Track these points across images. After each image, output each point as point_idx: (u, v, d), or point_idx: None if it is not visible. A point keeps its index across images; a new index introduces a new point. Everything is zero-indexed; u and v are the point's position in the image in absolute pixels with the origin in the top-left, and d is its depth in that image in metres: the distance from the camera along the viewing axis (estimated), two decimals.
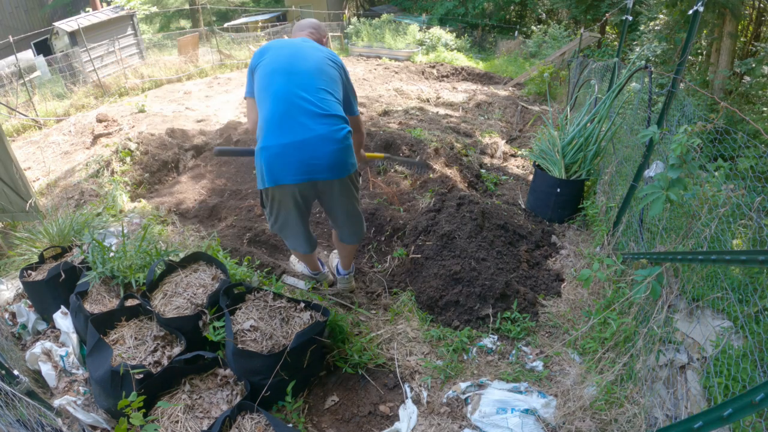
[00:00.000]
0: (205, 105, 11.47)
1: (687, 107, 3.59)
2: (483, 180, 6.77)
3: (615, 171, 4.96)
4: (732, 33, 11.10)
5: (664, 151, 3.58)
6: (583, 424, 2.66)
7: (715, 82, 11.19)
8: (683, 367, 2.65)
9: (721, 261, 2.17)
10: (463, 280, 4.04)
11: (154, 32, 26.97)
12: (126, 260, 3.68)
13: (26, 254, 4.31)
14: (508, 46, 21.52)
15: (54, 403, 2.71)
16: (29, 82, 12.47)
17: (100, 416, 2.81)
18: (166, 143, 7.84)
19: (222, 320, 3.14)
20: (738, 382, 2.26)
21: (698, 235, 2.87)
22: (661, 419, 2.45)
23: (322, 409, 3.06)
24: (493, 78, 16.18)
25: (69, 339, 3.32)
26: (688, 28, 3.49)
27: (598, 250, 4.42)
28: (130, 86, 13.41)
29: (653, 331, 2.77)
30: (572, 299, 4.06)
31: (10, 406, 2.16)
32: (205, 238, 5.02)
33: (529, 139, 9.09)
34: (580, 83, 8.60)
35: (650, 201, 2.98)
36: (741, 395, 1.54)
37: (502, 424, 2.74)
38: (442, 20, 24.95)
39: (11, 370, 2.50)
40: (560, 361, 3.41)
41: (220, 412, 2.64)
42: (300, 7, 26.98)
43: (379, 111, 10.25)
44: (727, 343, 2.46)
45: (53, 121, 10.82)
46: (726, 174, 3.02)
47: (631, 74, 4.82)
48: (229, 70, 16.32)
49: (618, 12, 14.56)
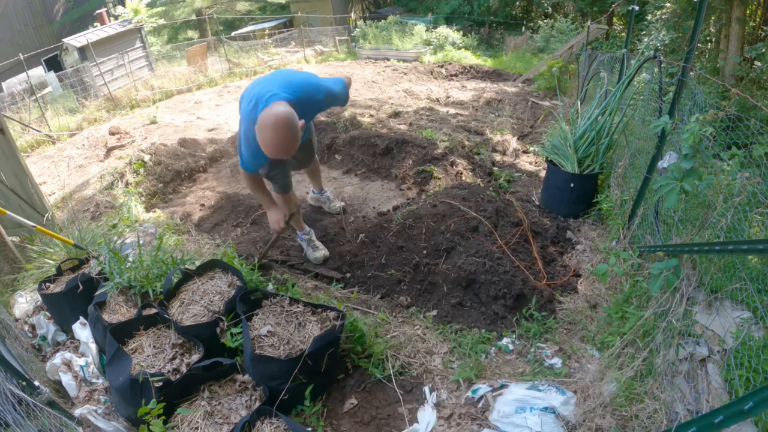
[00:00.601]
0: (216, 114, 11.54)
1: (698, 96, 3.54)
2: (496, 177, 6.74)
3: (628, 163, 4.91)
4: (740, 18, 10.94)
5: (677, 142, 3.54)
6: (604, 421, 2.64)
7: (725, 69, 11.03)
8: (703, 360, 2.61)
9: (738, 251, 2.14)
10: (479, 281, 4.03)
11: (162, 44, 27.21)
12: (142, 270, 3.71)
13: (44, 267, 4.37)
14: (515, 42, 21.42)
15: (75, 413, 2.74)
16: (41, 98, 12.63)
17: (121, 425, 2.83)
18: (178, 153, 7.91)
19: (239, 326, 3.16)
20: (759, 374, 2.22)
21: (714, 225, 2.84)
22: (682, 414, 2.42)
23: (341, 412, 3.06)
24: (501, 75, 16.10)
25: (88, 349, 3.36)
26: (696, 15, 3.45)
27: (614, 244, 4.38)
28: (141, 98, 13.53)
29: (672, 325, 2.73)
30: (589, 295, 4.02)
31: (32, 416, 2.19)
32: (220, 245, 5.05)
33: (540, 134, 9.03)
34: (590, 76, 8.53)
35: (665, 192, 2.95)
36: (762, 388, 1.52)
37: (521, 423, 2.72)
38: (448, 19, 24.90)
39: (32, 381, 2.53)
40: (579, 357, 3.38)
41: (240, 417, 2.66)
42: (306, 12, 27.07)
43: (389, 113, 10.24)
44: (747, 334, 2.42)
45: (66, 136, 10.96)
46: (740, 162, 2.98)
47: (640, 65, 4.77)
48: (238, 78, 16.41)
49: (624, 2, 14.45)
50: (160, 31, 29.18)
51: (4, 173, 4.96)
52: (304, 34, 22.03)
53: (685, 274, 2.86)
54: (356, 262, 4.68)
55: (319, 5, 28.17)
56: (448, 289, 4.10)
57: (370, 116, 9.99)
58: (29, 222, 4.09)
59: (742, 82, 10.65)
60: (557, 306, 4.00)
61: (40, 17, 23.34)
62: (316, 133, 8.38)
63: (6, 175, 4.97)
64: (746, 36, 11.78)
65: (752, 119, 2.77)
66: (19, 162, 5.08)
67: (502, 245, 4.44)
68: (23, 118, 11.54)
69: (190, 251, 4.88)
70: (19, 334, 3.61)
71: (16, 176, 5.04)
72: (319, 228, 5.37)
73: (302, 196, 6.59)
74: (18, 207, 4.98)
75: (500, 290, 3.94)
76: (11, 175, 5.02)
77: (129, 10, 16.71)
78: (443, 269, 4.25)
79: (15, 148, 5.08)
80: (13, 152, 5.07)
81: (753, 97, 4.05)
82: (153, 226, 5.60)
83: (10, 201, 4.97)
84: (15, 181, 5.04)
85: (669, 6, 13.04)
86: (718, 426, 1.65)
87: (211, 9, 28.73)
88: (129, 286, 3.67)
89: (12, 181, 5.02)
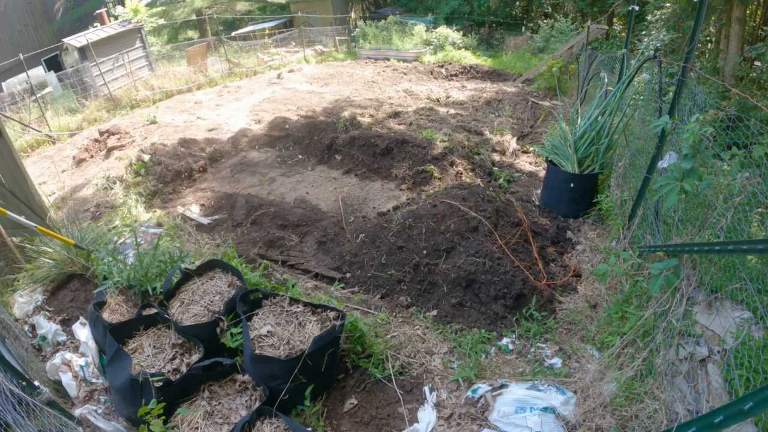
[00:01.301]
0: (216, 114, 11.54)
1: (698, 96, 3.54)
2: (496, 177, 6.74)
3: (628, 163, 4.91)
4: (740, 18, 10.92)
5: (677, 142, 3.54)
6: (604, 421, 2.64)
7: (725, 69, 11.01)
8: (703, 360, 2.61)
9: (738, 251, 2.14)
10: (479, 281, 4.03)
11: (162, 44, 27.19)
12: (141, 269, 3.71)
13: (44, 267, 4.36)
14: (515, 43, 21.40)
15: (75, 413, 2.74)
16: (41, 98, 12.62)
17: (121, 425, 2.83)
18: (178, 153, 7.91)
19: (239, 326, 3.16)
20: (759, 374, 2.22)
21: (714, 225, 2.83)
22: (683, 414, 2.42)
23: (341, 412, 3.06)
24: (501, 75, 16.10)
25: (88, 349, 3.36)
26: (696, 15, 3.45)
27: (614, 244, 4.38)
28: (141, 98, 13.52)
29: (672, 325, 2.73)
30: (589, 295, 4.02)
31: (32, 416, 2.18)
32: (220, 245, 5.05)
33: (540, 134, 9.04)
34: (590, 76, 8.53)
35: (665, 192, 2.95)
36: (762, 388, 1.52)
37: (521, 423, 2.72)
38: (448, 19, 24.88)
39: (32, 380, 2.53)
40: (579, 357, 3.38)
41: (240, 417, 2.66)
42: (306, 12, 27.05)
43: (389, 113, 10.25)
44: (747, 334, 2.42)
45: (66, 136, 10.96)
46: (740, 162, 2.98)
47: (640, 65, 4.77)
48: (238, 78, 16.40)
49: (624, 2, 14.44)
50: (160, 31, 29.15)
51: (3, 175, 4.95)
52: (304, 34, 22.03)
53: (685, 274, 2.86)
54: (356, 262, 4.68)
55: (319, 5, 28.14)
56: (448, 289, 4.10)
57: (370, 116, 9.98)
58: (30, 222, 4.09)
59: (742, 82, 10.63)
60: (557, 306, 4.01)
61: (40, 17, 23.31)
62: (317, 133, 8.39)
63: (4, 176, 4.96)
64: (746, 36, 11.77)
65: (752, 119, 2.77)
66: (17, 164, 5.07)
67: (502, 245, 4.44)
68: (23, 118, 11.54)
69: (190, 250, 4.88)
70: (19, 334, 3.61)
71: (14, 178, 5.03)
72: (319, 228, 5.38)
73: (302, 195, 6.60)
74: (17, 208, 4.97)
75: (500, 290, 3.94)
76: (9, 177, 5.01)
77: (129, 10, 16.68)
78: (443, 269, 4.24)
79: (13, 150, 5.07)
80: (11, 154, 5.06)
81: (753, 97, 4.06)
82: (153, 226, 5.60)
83: (9, 202, 4.96)
84: (13, 182, 5.03)
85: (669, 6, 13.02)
86: (718, 426, 1.65)
87: (211, 9, 28.72)
88: (129, 285, 3.67)
89: (10, 182, 5.01)
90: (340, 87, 13.97)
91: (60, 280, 4.33)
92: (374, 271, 4.50)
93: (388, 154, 7.32)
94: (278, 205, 6.16)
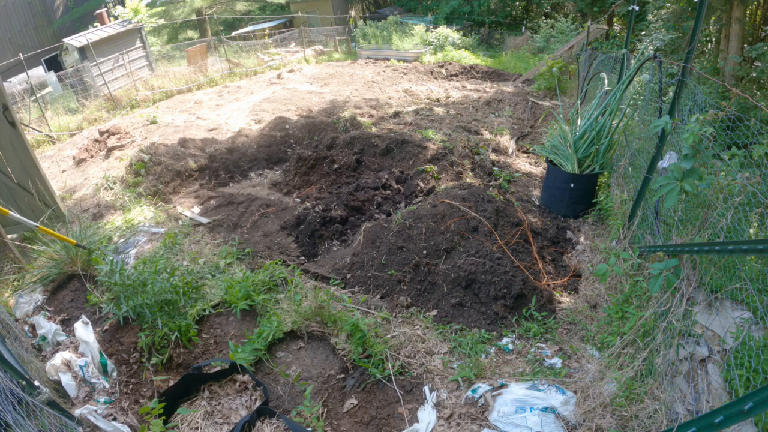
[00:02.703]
0: (216, 114, 11.54)
1: (698, 96, 3.54)
2: (495, 177, 6.74)
3: (628, 163, 4.91)
4: (740, 18, 10.93)
5: (677, 142, 3.54)
6: (604, 421, 2.64)
7: (725, 69, 11.02)
8: (703, 361, 2.61)
9: (738, 251, 2.14)
10: (479, 281, 4.03)
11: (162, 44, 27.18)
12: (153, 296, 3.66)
13: (44, 266, 4.37)
14: (515, 43, 21.40)
15: (75, 413, 2.74)
16: (41, 98, 12.62)
17: (121, 425, 2.83)
18: (178, 153, 7.91)
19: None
20: (759, 374, 2.22)
21: (714, 225, 2.83)
22: (683, 414, 2.42)
23: (341, 412, 3.06)
24: (501, 75, 16.09)
25: (88, 349, 3.36)
26: (696, 15, 3.45)
27: (614, 244, 4.38)
28: (141, 98, 13.52)
29: (672, 325, 2.73)
30: (589, 295, 4.02)
31: (32, 416, 2.18)
32: (221, 245, 5.06)
33: (540, 135, 9.03)
34: (590, 76, 8.53)
35: (665, 192, 2.95)
36: (762, 388, 1.52)
37: (521, 423, 2.72)
38: (448, 19, 24.88)
39: (32, 380, 2.53)
40: (579, 357, 3.38)
41: (240, 417, 2.66)
42: (306, 12, 27.06)
43: (389, 113, 10.25)
44: (747, 334, 2.42)
45: (66, 136, 10.96)
46: (740, 162, 2.98)
47: (640, 65, 4.77)
48: (238, 78, 16.40)
49: (624, 2, 14.44)
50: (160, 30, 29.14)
51: (13, 166, 4.97)
52: (304, 34, 22.03)
53: (685, 274, 2.86)
54: (356, 262, 4.68)
55: (319, 5, 28.14)
56: (448, 289, 4.10)
57: (370, 116, 9.98)
58: (32, 222, 4.09)
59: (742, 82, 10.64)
60: (557, 306, 4.01)
61: (40, 17, 23.31)
62: (317, 133, 8.39)
63: (14, 168, 4.98)
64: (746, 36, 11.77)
65: (752, 119, 2.77)
66: (29, 155, 5.10)
67: (502, 245, 4.44)
68: (23, 118, 11.53)
69: (192, 251, 4.88)
70: (19, 334, 3.61)
71: (25, 169, 5.05)
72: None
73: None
74: (25, 201, 4.99)
75: (500, 290, 3.94)
76: (20, 168, 5.04)
77: (129, 10, 16.68)
78: (443, 269, 4.24)
79: (25, 141, 5.10)
80: (24, 145, 5.08)
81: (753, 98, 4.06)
82: (155, 226, 5.61)
83: (17, 195, 4.98)
84: (23, 174, 5.05)
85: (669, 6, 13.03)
86: (718, 426, 1.65)
87: (211, 9, 28.71)
88: (136, 315, 3.64)
89: (20, 174, 5.03)
90: (340, 87, 13.97)
91: (60, 280, 4.34)
92: (374, 271, 4.50)
93: (388, 154, 7.31)
94: (279, 205, 6.16)
